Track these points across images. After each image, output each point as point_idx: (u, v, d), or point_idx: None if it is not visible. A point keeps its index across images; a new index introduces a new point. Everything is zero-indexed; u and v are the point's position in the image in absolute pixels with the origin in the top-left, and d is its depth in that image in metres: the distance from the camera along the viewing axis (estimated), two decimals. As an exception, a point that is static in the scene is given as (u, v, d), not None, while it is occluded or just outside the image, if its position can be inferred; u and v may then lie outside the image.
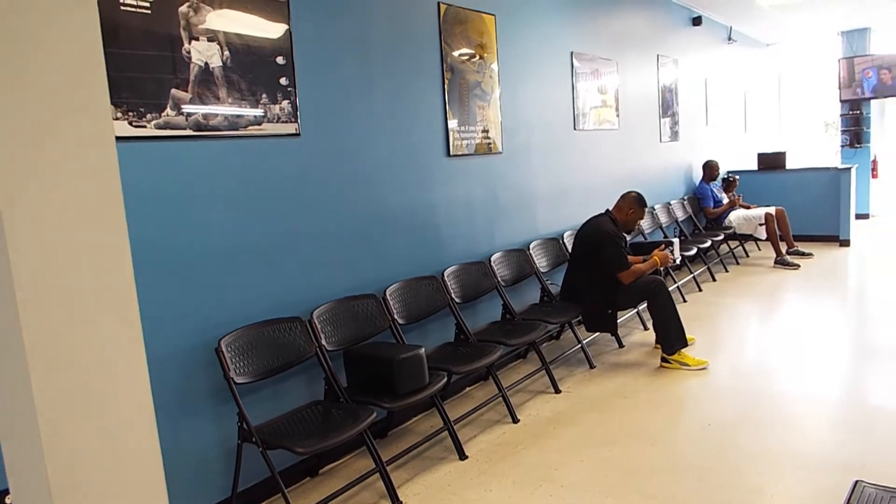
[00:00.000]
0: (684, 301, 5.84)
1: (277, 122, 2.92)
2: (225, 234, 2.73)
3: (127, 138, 2.32)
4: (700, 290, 6.28)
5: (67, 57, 0.99)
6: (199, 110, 2.58)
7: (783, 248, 7.28)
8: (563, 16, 5.21)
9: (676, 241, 5.14)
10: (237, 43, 2.72)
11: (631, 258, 4.43)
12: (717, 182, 7.81)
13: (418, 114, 3.76)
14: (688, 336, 4.25)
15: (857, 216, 8.97)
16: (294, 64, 2.98)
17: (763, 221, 7.31)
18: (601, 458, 3.08)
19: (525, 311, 4.32)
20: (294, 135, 3.01)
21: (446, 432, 3.22)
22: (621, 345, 4.73)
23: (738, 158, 9.20)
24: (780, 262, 7.13)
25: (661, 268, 4.54)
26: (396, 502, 2.77)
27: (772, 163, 8.79)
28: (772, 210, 7.36)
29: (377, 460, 2.81)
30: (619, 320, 4.46)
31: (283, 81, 2.93)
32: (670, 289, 4.47)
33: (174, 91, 2.48)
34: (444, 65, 3.92)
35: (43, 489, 0.98)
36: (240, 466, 2.62)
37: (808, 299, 6.04)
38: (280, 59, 2.91)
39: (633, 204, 4.46)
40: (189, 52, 2.52)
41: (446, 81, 3.93)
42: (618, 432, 3.35)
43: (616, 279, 4.24)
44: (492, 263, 4.18)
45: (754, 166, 8.96)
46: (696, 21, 7.80)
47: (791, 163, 8.84)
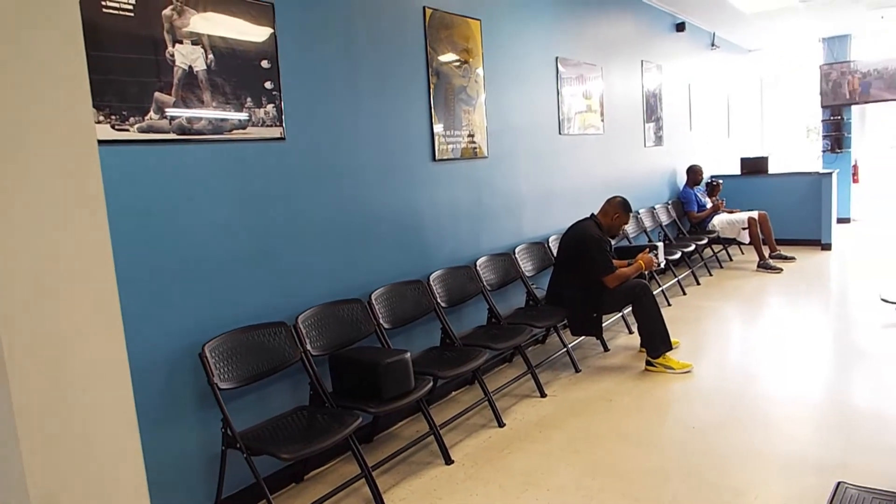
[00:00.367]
0: (669, 304, 5.87)
1: (262, 126, 2.91)
2: (209, 239, 2.71)
3: (109, 142, 2.30)
4: (684, 293, 6.32)
5: (49, 59, 0.98)
6: (182, 114, 2.56)
7: (766, 252, 7.35)
8: (548, 21, 5.24)
9: (661, 245, 5.17)
10: (221, 46, 2.71)
11: (616, 262, 4.45)
12: (700, 186, 7.88)
13: (404, 118, 3.76)
14: (672, 339, 4.27)
15: (839, 220, 9.09)
16: (279, 68, 2.97)
17: (746, 225, 7.38)
18: (587, 461, 3.09)
19: (511, 315, 4.33)
20: (279, 139, 3.00)
21: (432, 437, 3.22)
22: (606, 348, 4.74)
23: (722, 163, 9.29)
24: (762, 265, 7.20)
25: (646, 272, 4.57)
26: (382, 507, 2.76)
27: (754, 167, 8.87)
28: (755, 214, 7.44)
29: (363, 465, 2.80)
30: (604, 324, 4.48)
31: (267, 85, 2.92)
32: (655, 292, 4.50)
33: (158, 94, 2.46)
34: (430, 69, 3.92)
35: (23, 497, 0.96)
36: (224, 473, 2.59)
37: (790, 303, 6.09)
38: (265, 63, 2.90)
39: (618, 208, 4.48)
40: (173, 56, 2.51)
41: (432, 86, 3.93)
42: (603, 436, 3.36)
43: (601, 283, 4.26)
44: (477, 268, 4.18)
45: (737, 171, 9.05)
46: (680, 27, 7.87)
47: (773, 167, 8.94)
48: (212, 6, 2.66)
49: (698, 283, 6.73)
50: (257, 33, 2.88)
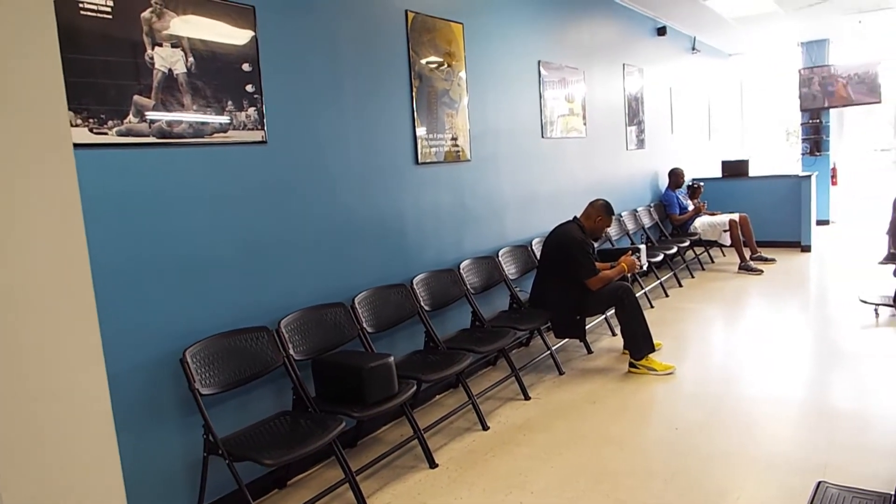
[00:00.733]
0: (651, 306, 5.90)
1: (243, 129, 2.89)
2: (190, 243, 2.68)
3: (87, 145, 2.27)
4: (667, 295, 6.36)
5: (23, 61, 0.97)
6: (162, 117, 2.54)
7: (747, 253, 7.41)
8: (530, 25, 5.26)
9: (643, 247, 5.19)
10: (202, 49, 2.69)
11: (598, 265, 4.47)
12: (682, 189, 7.93)
13: (386, 122, 3.76)
14: (655, 341, 4.30)
15: (818, 222, 9.19)
16: (260, 71, 2.95)
17: (727, 228, 7.44)
18: (571, 463, 3.09)
19: (494, 318, 4.33)
20: (260, 142, 2.98)
21: (416, 441, 3.21)
22: (590, 351, 4.76)
23: (703, 166, 9.37)
24: (744, 267, 7.26)
25: (629, 274, 4.60)
26: (366, 512, 2.75)
27: (735, 170, 8.96)
28: (735, 217, 7.50)
29: (346, 470, 2.78)
30: (587, 326, 4.49)
31: (249, 88, 2.90)
32: (637, 294, 4.52)
33: (137, 97, 2.44)
34: (413, 72, 3.92)
35: (-4, 506, 0.95)
36: (205, 479, 2.57)
37: (771, 304, 6.15)
38: (246, 66, 2.89)
39: (600, 211, 4.50)
40: (152, 58, 2.49)
41: (414, 89, 3.93)
42: (587, 438, 3.36)
43: (584, 286, 4.28)
44: (461, 271, 4.18)
45: (718, 174, 9.13)
46: (661, 31, 7.94)
47: (754, 170, 9.02)
48: (192, 9, 2.64)
49: (680, 285, 6.77)
50: (238, 36, 2.86)
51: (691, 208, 7.73)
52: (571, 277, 4.29)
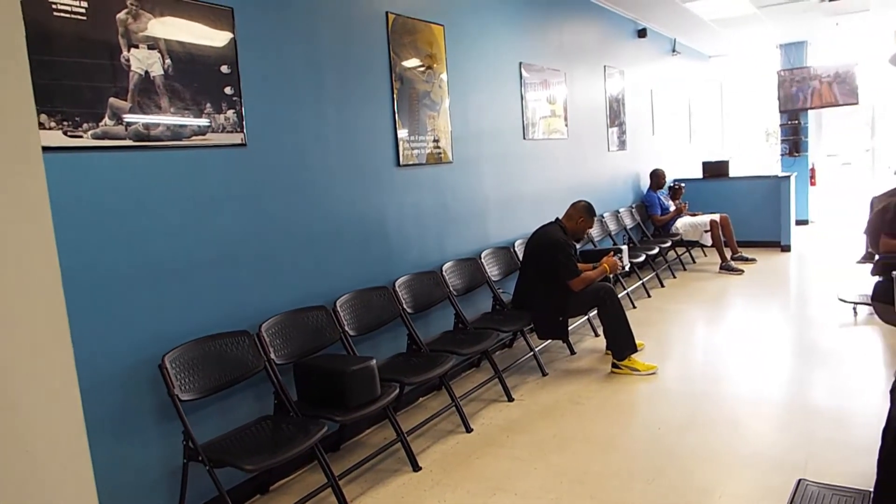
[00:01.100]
0: (633, 307, 5.93)
1: (223, 132, 2.86)
2: (169, 248, 2.65)
3: (62, 149, 2.24)
4: (649, 296, 6.40)
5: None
6: (139, 120, 2.51)
7: (728, 254, 7.48)
8: (511, 27, 5.27)
9: (625, 248, 5.22)
10: (179, 51, 2.66)
11: (581, 266, 4.48)
12: (663, 190, 7.98)
13: (367, 124, 3.74)
14: (637, 341, 4.32)
15: (797, 222, 9.29)
16: (239, 73, 2.93)
17: (708, 228, 7.50)
18: (554, 464, 3.10)
19: (477, 319, 4.33)
20: (240, 145, 2.96)
21: (399, 444, 3.19)
22: (573, 351, 4.77)
23: (684, 167, 9.43)
24: (725, 267, 7.32)
25: (611, 275, 4.61)
26: (349, 517, 2.73)
27: (716, 171, 9.03)
28: (716, 217, 7.57)
29: (329, 475, 2.76)
30: (569, 327, 4.50)
31: (228, 91, 2.88)
32: (620, 295, 4.55)
33: (112, 100, 2.40)
34: (394, 74, 3.91)
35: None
36: (186, 486, 2.53)
37: (752, 304, 6.21)
38: (225, 68, 2.86)
39: (582, 212, 4.52)
40: (128, 60, 2.45)
41: (395, 91, 3.92)
42: (570, 439, 3.37)
43: (566, 287, 4.29)
44: (443, 273, 4.17)
45: (699, 174, 9.20)
46: (642, 33, 7.99)
47: (734, 171, 9.10)
48: (169, 10, 2.61)
49: (662, 286, 6.81)
50: (216, 38, 2.83)
51: (673, 209, 7.78)
52: (554, 279, 4.30)
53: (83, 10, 2.30)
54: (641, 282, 6.50)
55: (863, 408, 3.50)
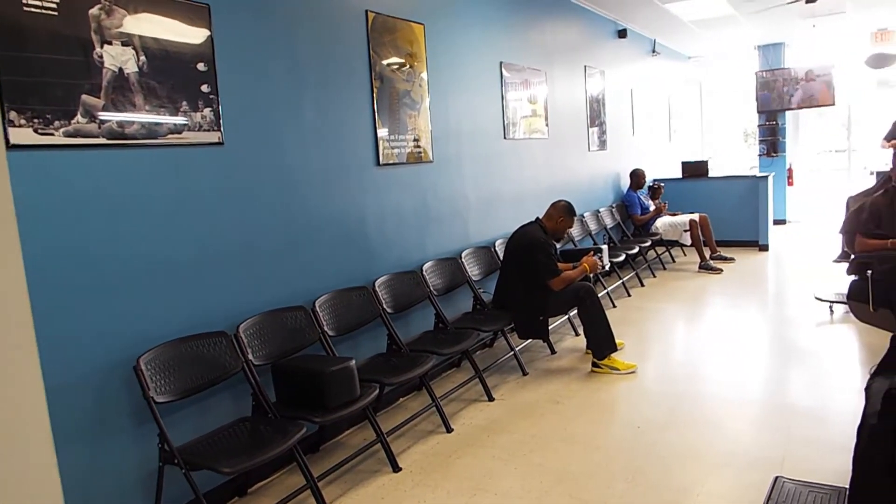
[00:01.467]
0: (614, 306, 5.96)
1: (199, 130, 2.82)
2: (143, 247, 2.61)
3: (32, 146, 2.19)
4: (629, 295, 6.43)
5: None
6: (113, 118, 2.46)
7: (707, 253, 7.54)
8: (492, 26, 5.26)
9: (605, 247, 5.24)
10: (154, 48, 2.62)
11: (561, 265, 4.49)
12: (643, 190, 8.02)
13: (347, 122, 3.72)
14: (617, 341, 4.33)
15: (775, 222, 9.39)
16: (216, 71, 2.89)
17: (688, 228, 7.56)
18: (535, 464, 3.09)
19: (458, 319, 4.32)
20: (217, 143, 2.92)
21: (379, 444, 3.17)
22: (553, 351, 4.78)
23: (664, 167, 9.50)
24: (704, 266, 7.38)
25: (591, 274, 4.62)
26: (328, 519, 2.71)
27: (695, 171, 9.10)
28: (695, 217, 7.62)
29: (308, 476, 2.74)
30: (550, 327, 4.51)
31: (204, 88, 2.84)
32: (600, 295, 4.56)
33: (85, 97, 2.36)
34: (373, 73, 3.88)
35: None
36: (161, 490, 2.50)
37: (730, 302, 6.26)
38: (201, 66, 2.82)
39: (562, 212, 4.53)
40: (101, 57, 2.41)
41: (375, 90, 3.90)
42: (551, 438, 3.37)
43: (547, 286, 4.29)
44: (424, 273, 4.16)
45: (679, 174, 9.27)
46: (622, 33, 8.03)
47: (713, 171, 9.18)
48: (143, 6, 2.57)
49: (642, 285, 6.85)
50: (193, 35, 2.80)
51: (652, 209, 7.82)
52: (534, 278, 4.30)
53: (54, 6, 2.26)
54: (622, 281, 6.53)
55: (839, 405, 3.54)
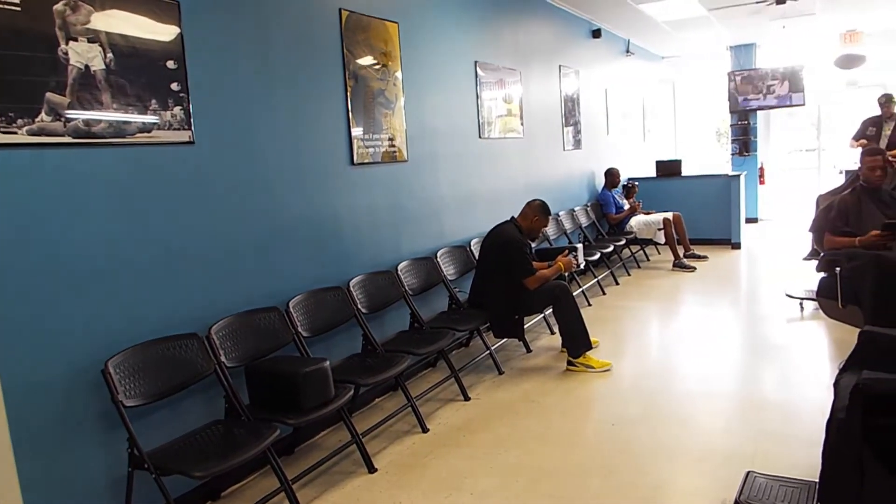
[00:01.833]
0: (589, 304, 5.99)
1: (169, 129, 2.78)
2: (113, 248, 2.56)
3: (-5, 145, 2.14)
4: (604, 293, 6.47)
5: None
6: (79, 116, 2.41)
7: (680, 251, 7.61)
8: (466, 25, 5.26)
9: (580, 246, 5.26)
10: (122, 45, 2.57)
11: (536, 264, 4.50)
12: (618, 189, 8.08)
13: (320, 122, 3.69)
14: (592, 339, 4.35)
15: (747, 220, 9.53)
16: (187, 69, 2.85)
17: (662, 226, 7.62)
18: (510, 463, 3.10)
19: (433, 319, 4.31)
20: (188, 142, 2.88)
21: (355, 446, 3.15)
22: (529, 349, 4.79)
23: (638, 166, 9.58)
24: (678, 265, 7.45)
25: (566, 273, 4.64)
26: (302, 522, 2.68)
27: (669, 170, 9.19)
28: (669, 215, 7.69)
29: (282, 479, 2.71)
30: (525, 325, 4.52)
31: (174, 87, 2.79)
32: (575, 293, 4.58)
33: (49, 95, 2.31)
34: (347, 72, 3.86)
35: None
36: (131, 496, 2.45)
37: (704, 300, 6.33)
38: (171, 63, 2.78)
39: (537, 211, 4.54)
40: (66, 54, 2.36)
41: (349, 89, 3.87)
42: (526, 437, 3.37)
43: (522, 285, 4.30)
44: (399, 272, 4.14)
45: (653, 173, 9.35)
46: (596, 33, 8.08)
47: (686, 170, 9.27)
48: (111, 2, 2.52)
49: (617, 283, 6.90)
50: (162, 32, 2.75)
51: (627, 207, 7.88)
52: (509, 277, 4.31)
53: (17, 1, 2.20)
54: (596, 279, 6.57)
55: (808, 400, 3.59)
